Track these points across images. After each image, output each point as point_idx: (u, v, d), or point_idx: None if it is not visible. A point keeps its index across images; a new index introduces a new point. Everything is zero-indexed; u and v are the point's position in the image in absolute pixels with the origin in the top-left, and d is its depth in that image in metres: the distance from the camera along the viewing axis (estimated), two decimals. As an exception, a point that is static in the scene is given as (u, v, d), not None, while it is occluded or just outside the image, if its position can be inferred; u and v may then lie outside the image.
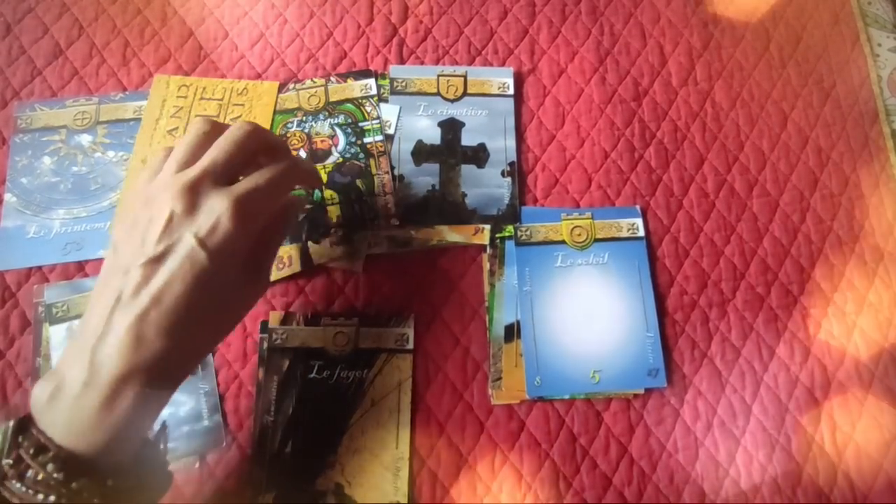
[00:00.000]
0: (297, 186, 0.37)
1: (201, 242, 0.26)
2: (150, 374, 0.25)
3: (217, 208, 0.26)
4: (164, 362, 0.25)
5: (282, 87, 0.42)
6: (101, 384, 0.24)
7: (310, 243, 0.39)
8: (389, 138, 0.42)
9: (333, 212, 0.40)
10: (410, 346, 0.38)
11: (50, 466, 0.23)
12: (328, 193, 0.40)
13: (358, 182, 0.40)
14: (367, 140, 0.41)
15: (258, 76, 0.43)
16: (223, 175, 0.28)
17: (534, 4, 0.47)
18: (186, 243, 0.26)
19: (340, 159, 0.41)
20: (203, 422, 0.36)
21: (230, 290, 0.28)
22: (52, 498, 0.23)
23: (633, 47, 0.46)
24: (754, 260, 0.42)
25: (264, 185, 0.28)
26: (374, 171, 0.41)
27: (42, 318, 0.37)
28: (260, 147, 0.30)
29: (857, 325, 0.41)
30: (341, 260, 0.39)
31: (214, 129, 0.29)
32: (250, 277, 0.30)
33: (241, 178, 0.29)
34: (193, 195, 0.26)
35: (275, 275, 0.38)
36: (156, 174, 0.28)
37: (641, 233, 0.41)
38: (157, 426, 0.29)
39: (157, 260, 0.26)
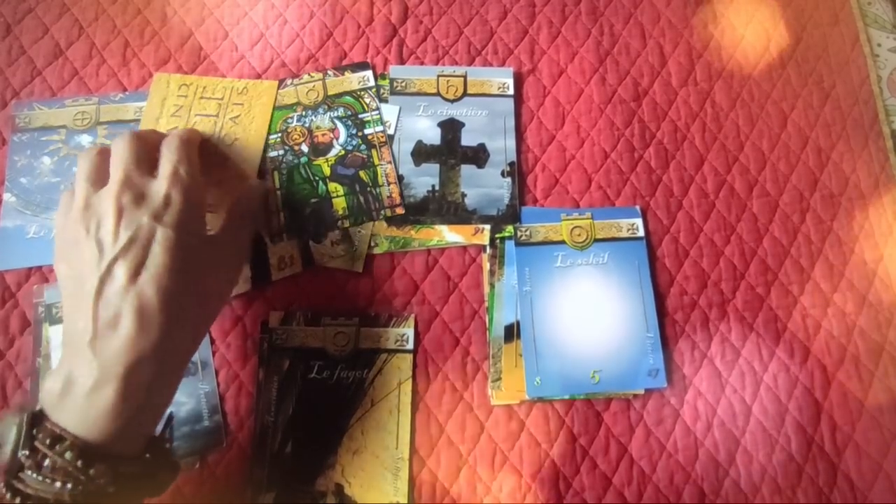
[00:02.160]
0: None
1: (161, 220, 0.28)
2: (158, 357, 0.27)
3: (161, 188, 0.29)
4: (169, 342, 0.27)
5: (280, 85, 0.42)
6: (113, 377, 0.25)
7: (311, 242, 0.39)
8: (390, 138, 0.42)
9: (339, 204, 0.40)
10: (410, 346, 0.38)
11: (68, 455, 0.24)
12: (332, 186, 0.40)
13: (361, 173, 0.40)
14: (367, 131, 0.41)
15: (258, 76, 0.43)
16: (140, 172, 0.30)
17: (534, 4, 0.47)
18: (149, 226, 0.28)
19: (342, 152, 0.41)
20: (203, 422, 0.36)
21: (205, 260, 0.30)
22: (69, 485, 0.24)
23: (633, 47, 0.46)
24: (754, 260, 0.42)
25: (176, 159, 0.31)
26: (376, 161, 0.41)
27: (42, 318, 0.37)
28: (149, 144, 0.32)
29: (857, 325, 0.41)
30: (341, 260, 0.39)
31: (101, 153, 0.31)
32: (222, 250, 0.32)
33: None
34: (133, 187, 0.29)
35: (275, 274, 0.38)
36: (69, 209, 0.30)
37: (641, 233, 0.41)
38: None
39: (126, 251, 0.27)
